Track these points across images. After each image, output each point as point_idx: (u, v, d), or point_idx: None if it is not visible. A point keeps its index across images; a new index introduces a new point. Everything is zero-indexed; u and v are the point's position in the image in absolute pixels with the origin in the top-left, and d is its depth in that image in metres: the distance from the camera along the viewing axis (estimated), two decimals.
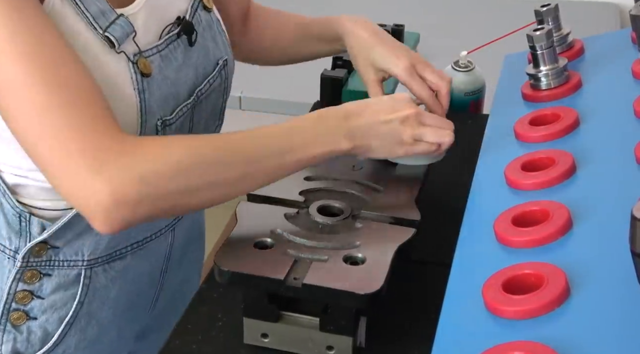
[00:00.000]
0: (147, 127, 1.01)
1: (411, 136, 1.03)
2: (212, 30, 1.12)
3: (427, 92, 1.18)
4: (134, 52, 1.00)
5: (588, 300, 0.77)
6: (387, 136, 1.03)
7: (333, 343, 0.99)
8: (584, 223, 0.87)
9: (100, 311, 1.15)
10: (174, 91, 1.05)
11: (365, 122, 1.02)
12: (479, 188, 1.02)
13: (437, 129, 1.05)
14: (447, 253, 0.93)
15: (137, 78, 0.99)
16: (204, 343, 1.05)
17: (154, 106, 1.02)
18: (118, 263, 1.13)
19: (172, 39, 1.05)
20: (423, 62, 1.19)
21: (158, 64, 1.03)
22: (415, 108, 1.04)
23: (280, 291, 0.96)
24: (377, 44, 1.20)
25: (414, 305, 1.09)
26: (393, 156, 1.07)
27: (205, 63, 1.11)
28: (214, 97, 1.14)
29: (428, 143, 1.04)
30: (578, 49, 1.23)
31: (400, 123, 1.03)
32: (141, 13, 1.02)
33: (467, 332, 0.80)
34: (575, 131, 1.04)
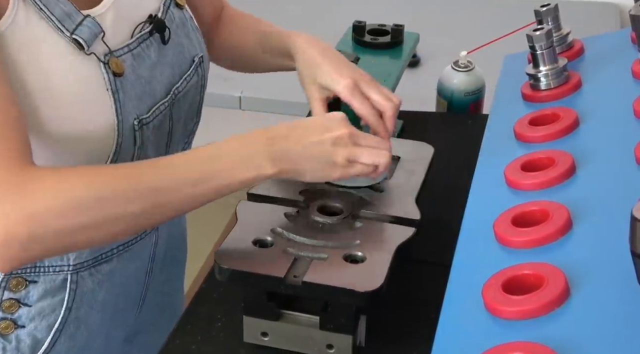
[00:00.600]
0: (124, 127, 1.00)
1: (345, 158, 0.99)
2: (185, 27, 1.12)
3: (369, 110, 1.11)
4: (104, 52, 0.99)
5: (588, 300, 0.77)
6: (318, 159, 0.98)
7: (333, 341, 0.99)
8: (584, 223, 0.87)
9: (89, 315, 1.13)
10: (149, 90, 1.04)
11: (293, 144, 0.97)
12: (479, 188, 1.02)
13: (373, 150, 1.00)
14: (447, 253, 0.93)
15: (109, 78, 0.99)
16: (204, 342, 1.05)
17: (129, 105, 1.01)
18: (104, 266, 1.12)
19: (144, 37, 1.05)
20: (370, 81, 1.14)
21: (130, 63, 1.02)
22: (349, 128, 1.00)
23: (280, 289, 0.96)
24: (323, 62, 1.15)
25: (413, 305, 1.09)
26: (328, 179, 1.02)
27: (181, 61, 1.10)
28: (191, 94, 1.13)
29: (363, 164, 1.00)
30: (578, 49, 1.23)
31: (333, 144, 0.98)
32: (109, 13, 1.01)
33: (466, 332, 0.80)
34: (575, 131, 1.04)
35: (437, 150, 1.20)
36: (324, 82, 1.14)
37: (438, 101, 1.61)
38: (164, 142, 1.10)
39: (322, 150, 0.98)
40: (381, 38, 1.52)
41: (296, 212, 1.06)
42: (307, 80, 1.17)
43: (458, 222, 0.96)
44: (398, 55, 1.50)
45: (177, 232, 1.28)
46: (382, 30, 1.54)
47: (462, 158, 1.17)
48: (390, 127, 1.12)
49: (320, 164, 0.98)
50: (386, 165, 1.01)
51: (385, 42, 1.51)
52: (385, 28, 1.54)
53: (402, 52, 1.51)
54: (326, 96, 1.16)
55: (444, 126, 1.56)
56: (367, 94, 1.12)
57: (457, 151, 1.12)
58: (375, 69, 1.45)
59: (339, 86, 1.12)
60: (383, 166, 1.01)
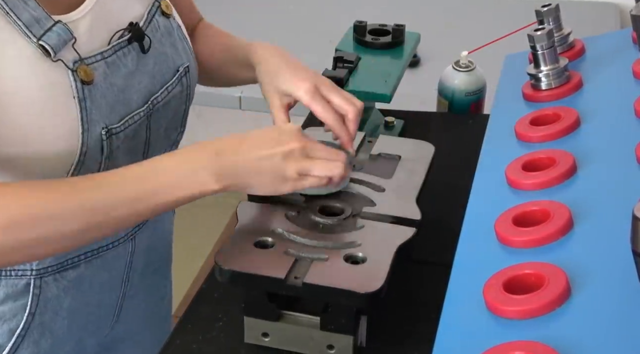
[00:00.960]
0: (90, 136, 0.98)
1: (296, 171, 0.97)
2: (171, 36, 1.10)
3: (331, 115, 1.10)
4: (74, 59, 0.97)
5: (589, 300, 0.77)
6: (267, 173, 0.97)
7: (334, 342, 0.99)
8: (585, 223, 0.87)
9: (54, 322, 1.10)
10: (122, 99, 1.02)
11: (241, 159, 0.96)
12: (480, 188, 1.02)
13: (326, 162, 0.98)
14: (448, 253, 0.92)
15: (77, 86, 0.97)
16: (205, 342, 1.05)
17: (96, 115, 0.99)
18: (70, 272, 1.09)
19: (122, 45, 1.03)
20: (330, 85, 1.12)
21: (103, 71, 1.00)
22: (300, 141, 0.98)
23: (280, 290, 0.96)
24: (282, 68, 1.14)
25: (414, 305, 1.09)
26: (279, 193, 1.01)
27: (164, 70, 1.08)
28: (174, 104, 1.11)
29: (316, 177, 0.99)
30: (579, 49, 1.23)
31: (283, 158, 0.97)
32: (86, 19, 1.00)
33: (467, 332, 0.80)
34: (576, 131, 1.04)
35: (438, 150, 1.20)
36: (285, 88, 1.12)
37: (439, 101, 1.61)
38: (140, 152, 1.08)
39: (272, 164, 0.97)
40: (382, 38, 1.52)
41: (297, 213, 1.06)
42: (267, 88, 1.14)
43: (459, 222, 0.96)
44: (399, 55, 1.50)
45: (160, 244, 1.25)
46: (383, 30, 1.54)
47: (463, 158, 1.17)
48: (353, 131, 1.11)
49: (270, 178, 0.97)
50: (340, 176, 0.99)
51: (386, 42, 1.51)
52: (386, 28, 1.54)
53: (403, 52, 1.51)
54: (287, 103, 1.14)
55: (444, 126, 1.56)
56: (328, 98, 1.11)
57: (458, 151, 1.12)
58: (376, 69, 1.45)
59: (299, 91, 1.11)
60: (337, 178, 0.99)
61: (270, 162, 0.97)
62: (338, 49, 1.52)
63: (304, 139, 0.99)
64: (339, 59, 1.45)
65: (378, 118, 1.51)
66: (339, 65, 1.45)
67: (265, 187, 0.98)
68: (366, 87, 1.41)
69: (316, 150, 0.99)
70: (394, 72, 1.45)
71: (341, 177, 1.00)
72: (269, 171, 0.97)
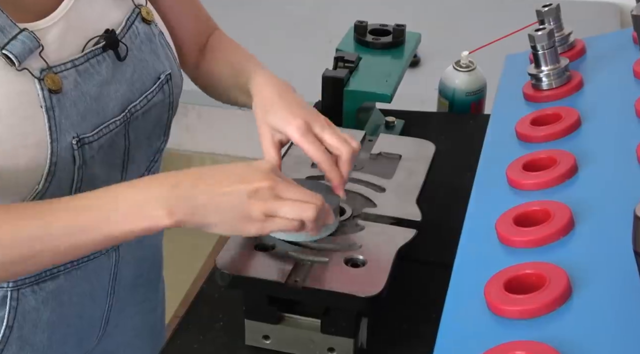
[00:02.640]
0: (59, 146, 0.95)
1: (261, 211, 0.89)
2: (152, 43, 1.07)
3: (321, 154, 1.01)
4: (42, 67, 0.94)
5: (590, 300, 0.77)
6: (228, 211, 0.89)
7: (334, 344, 0.99)
8: (586, 223, 0.87)
9: (33, 335, 1.07)
10: (96, 107, 0.99)
11: (199, 192, 0.89)
12: (481, 188, 1.02)
13: (297, 203, 0.91)
14: (449, 253, 0.92)
15: (44, 95, 0.94)
16: (205, 343, 1.05)
17: (65, 124, 0.96)
18: (49, 284, 1.05)
19: (96, 52, 1.00)
20: (325, 123, 1.03)
21: (74, 79, 0.97)
22: (270, 179, 0.91)
23: (281, 294, 0.96)
24: (276, 103, 1.05)
25: (415, 305, 1.09)
26: (243, 234, 0.94)
27: (144, 77, 1.05)
28: (155, 112, 1.07)
29: (285, 219, 0.90)
30: (579, 49, 1.23)
31: (249, 196, 0.89)
32: (57, 26, 0.97)
33: (469, 332, 0.80)
34: (577, 131, 1.04)
35: (438, 150, 1.20)
36: (276, 123, 1.04)
37: (439, 101, 1.61)
38: (120, 161, 1.05)
39: (234, 201, 0.89)
40: (383, 38, 1.52)
41: None
42: (259, 122, 1.06)
43: (460, 222, 0.96)
44: (399, 55, 1.51)
45: (148, 255, 1.22)
46: (384, 30, 1.54)
47: (464, 158, 1.17)
48: (345, 173, 1.02)
49: (231, 217, 0.90)
50: (312, 220, 0.91)
51: (386, 42, 1.51)
52: (387, 28, 1.54)
53: (404, 52, 1.51)
54: (279, 139, 1.05)
55: (445, 126, 1.56)
56: (321, 137, 1.02)
57: (459, 151, 1.12)
58: (377, 69, 1.45)
59: (289, 127, 1.02)
60: (310, 222, 0.91)
61: (232, 199, 0.89)
62: (339, 49, 1.52)
63: (276, 177, 0.92)
64: (339, 59, 1.45)
65: (378, 118, 1.51)
66: (340, 65, 1.45)
67: (226, 226, 0.91)
68: (367, 87, 1.41)
69: (287, 190, 0.91)
70: (395, 72, 1.45)
71: (313, 220, 0.92)
72: (231, 209, 0.90)
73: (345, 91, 1.40)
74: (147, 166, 1.12)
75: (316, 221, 0.92)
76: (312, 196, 0.93)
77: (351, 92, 1.40)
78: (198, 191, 0.89)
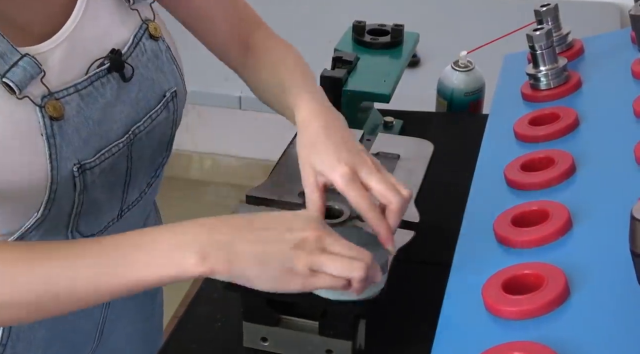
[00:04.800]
0: (60, 174, 0.91)
1: (307, 265, 0.81)
2: (159, 59, 1.02)
3: (366, 204, 0.92)
4: (43, 94, 0.89)
5: (587, 300, 0.77)
6: (270, 262, 0.81)
7: (332, 346, 0.99)
8: (584, 223, 0.87)
9: (27, 352, 1.03)
10: (99, 131, 0.95)
11: (238, 239, 0.81)
12: (479, 188, 1.02)
13: (345, 260, 0.82)
14: (447, 254, 0.92)
15: (45, 122, 0.89)
16: (204, 343, 1.05)
17: (67, 151, 0.92)
18: None
19: (101, 74, 0.95)
20: (372, 167, 0.94)
21: (77, 104, 0.92)
22: (318, 230, 0.83)
23: (278, 297, 0.96)
24: (321, 143, 0.96)
25: (413, 306, 1.09)
26: (285, 290, 0.83)
27: (149, 96, 1.00)
28: (158, 131, 1.03)
29: (331, 276, 0.82)
30: (578, 49, 1.23)
31: (294, 247, 0.81)
32: (60, 49, 0.92)
33: (466, 332, 0.80)
34: (575, 130, 1.04)
35: (437, 150, 1.20)
36: (319, 167, 0.95)
37: (438, 101, 1.61)
38: (121, 182, 1.01)
39: (276, 252, 0.81)
40: (381, 38, 1.52)
41: None
42: (303, 161, 0.97)
43: (458, 222, 0.96)
44: (398, 55, 1.50)
45: None
46: (382, 30, 1.54)
47: (462, 158, 1.17)
48: (393, 225, 0.93)
49: (273, 269, 0.81)
50: (361, 280, 0.83)
51: (385, 42, 1.51)
52: (385, 28, 1.54)
53: (402, 52, 1.51)
54: (323, 182, 0.96)
55: (443, 126, 1.56)
56: (368, 184, 0.93)
57: (457, 150, 1.12)
58: (375, 69, 1.45)
59: (334, 174, 0.93)
60: (357, 281, 0.83)
61: (275, 249, 0.81)
62: (337, 49, 1.52)
63: (323, 229, 0.84)
64: (337, 59, 1.45)
65: (377, 118, 1.51)
66: (338, 65, 1.45)
67: (268, 279, 0.82)
68: (365, 87, 1.41)
69: (335, 244, 0.83)
70: (393, 72, 1.45)
71: (361, 280, 0.83)
72: (273, 260, 0.81)
73: (344, 90, 1.40)
74: (148, 181, 1.08)
75: (364, 280, 0.84)
76: (361, 253, 0.84)
77: (349, 92, 1.40)
78: (237, 237, 0.81)
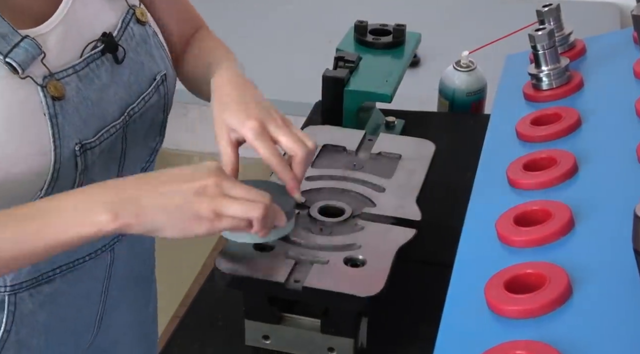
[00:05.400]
0: (62, 153, 0.94)
1: (210, 210, 0.87)
2: (147, 44, 1.06)
3: (272, 156, 0.99)
4: (44, 74, 0.93)
5: (590, 299, 0.77)
6: (176, 210, 0.87)
7: (334, 344, 0.99)
8: (586, 223, 0.87)
9: (30, 338, 1.06)
10: (97, 112, 0.99)
11: (144, 193, 0.87)
12: (481, 188, 1.02)
13: (244, 201, 0.89)
14: (449, 253, 0.92)
15: (47, 102, 0.93)
16: (205, 343, 1.05)
17: (69, 130, 0.95)
18: (45, 287, 1.04)
19: (95, 56, 0.99)
20: (279, 122, 1.01)
21: (75, 85, 0.96)
22: (216, 176, 0.89)
23: (281, 294, 0.96)
24: (233, 101, 1.03)
25: (415, 305, 1.09)
26: (193, 234, 0.89)
27: (140, 79, 1.04)
28: (151, 113, 1.07)
29: (232, 218, 0.89)
30: (580, 49, 1.23)
31: (195, 194, 0.88)
32: (55, 31, 0.95)
33: (469, 331, 0.80)
34: (577, 130, 1.04)
35: (438, 150, 1.20)
36: (231, 122, 1.01)
37: (440, 101, 1.61)
38: (116, 164, 1.05)
39: (181, 200, 0.87)
40: (383, 38, 1.52)
41: (297, 214, 1.06)
42: (216, 120, 1.04)
43: (460, 222, 0.96)
44: (400, 55, 1.51)
45: (141, 250, 1.20)
46: (384, 30, 1.54)
47: (464, 158, 1.17)
48: (299, 174, 1.01)
49: (179, 218, 0.87)
50: (260, 219, 0.90)
51: (387, 42, 1.51)
52: (387, 28, 1.54)
53: (404, 52, 1.51)
54: (236, 138, 1.02)
55: (445, 126, 1.56)
56: (276, 138, 1.00)
57: (459, 150, 1.12)
58: (377, 69, 1.45)
59: (245, 129, 0.99)
60: (257, 221, 0.90)
61: (177, 198, 0.87)
62: (339, 49, 1.52)
63: (222, 175, 0.91)
64: (339, 59, 1.46)
65: (379, 118, 1.52)
66: (340, 65, 1.45)
67: (175, 227, 0.88)
68: (367, 87, 1.41)
69: (234, 188, 0.90)
70: (395, 72, 1.45)
71: (261, 220, 0.90)
72: (178, 208, 0.87)
73: (346, 90, 1.41)
74: (142, 166, 1.11)
75: (264, 221, 0.90)
76: (259, 195, 0.91)
77: (351, 92, 1.40)
78: (142, 192, 0.87)
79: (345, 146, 1.20)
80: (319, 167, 1.15)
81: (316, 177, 1.13)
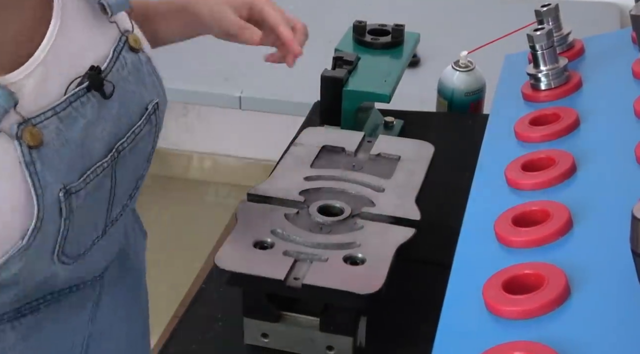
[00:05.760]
0: (45, 201, 0.85)
1: None
2: (140, 72, 0.98)
3: (282, 18, 1.22)
4: (18, 121, 0.83)
5: (588, 300, 0.77)
6: None
7: (333, 343, 0.99)
8: (584, 223, 0.87)
9: None
10: (82, 153, 0.89)
11: None
12: (479, 188, 1.02)
13: None
14: (447, 253, 0.92)
15: (22, 151, 0.83)
16: (204, 343, 1.05)
17: (50, 177, 0.86)
18: (29, 318, 0.96)
19: (80, 94, 0.89)
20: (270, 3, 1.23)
21: (55, 127, 0.86)
22: None
23: (280, 292, 0.96)
24: None
25: (414, 305, 1.09)
26: None
27: (131, 111, 0.96)
28: (141, 145, 0.99)
29: None
30: (578, 49, 1.23)
31: None
32: (35, 74, 0.86)
33: (467, 332, 0.80)
34: (576, 131, 1.04)
35: (437, 150, 1.20)
36: (235, 2, 1.19)
37: (438, 101, 1.61)
38: (105, 201, 0.96)
39: None
40: (382, 38, 1.52)
41: (296, 213, 1.06)
42: (218, 8, 1.18)
43: (458, 222, 0.96)
44: (398, 55, 1.51)
45: (130, 278, 1.14)
46: (383, 30, 1.54)
47: (463, 158, 1.17)
48: (301, 39, 1.23)
49: None
50: None
51: (385, 42, 1.51)
52: (386, 28, 1.54)
53: (403, 52, 1.51)
54: (240, 14, 1.19)
55: (444, 126, 1.56)
56: None
57: (458, 151, 1.12)
58: (376, 69, 1.45)
59: None
60: None
61: None
62: (337, 49, 1.52)
63: None
64: (338, 59, 1.45)
65: (378, 118, 1.52)
66: (339, 65, 1.45)
67: None
68: (366, 87, 1.41)
69: None
70: (394, 72, 1.45)
71: None
72: None
73: (344, 90, 1.41)
74: (130, 193, 1.03)
75: None
76: None
77: (350, 92, 1.40)
78: None
79: (344, 147, 1.20)
80: (318, 168, 1.15)
81: (315, 178, 1.13)
